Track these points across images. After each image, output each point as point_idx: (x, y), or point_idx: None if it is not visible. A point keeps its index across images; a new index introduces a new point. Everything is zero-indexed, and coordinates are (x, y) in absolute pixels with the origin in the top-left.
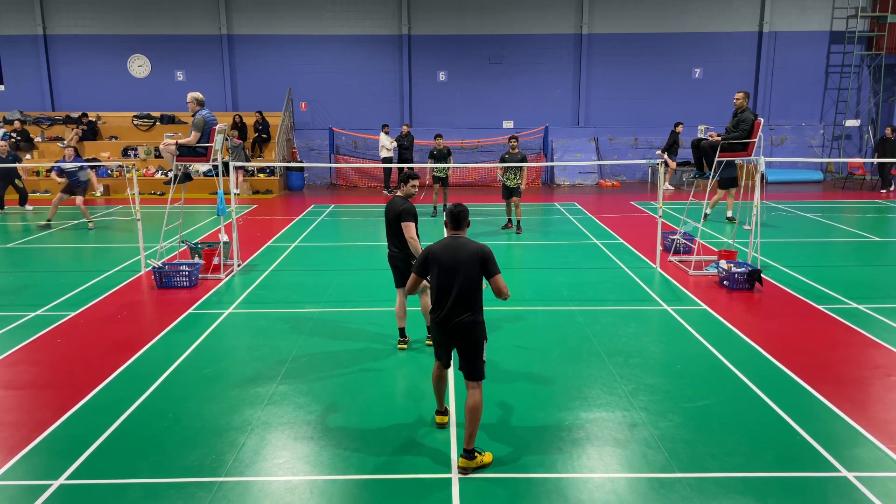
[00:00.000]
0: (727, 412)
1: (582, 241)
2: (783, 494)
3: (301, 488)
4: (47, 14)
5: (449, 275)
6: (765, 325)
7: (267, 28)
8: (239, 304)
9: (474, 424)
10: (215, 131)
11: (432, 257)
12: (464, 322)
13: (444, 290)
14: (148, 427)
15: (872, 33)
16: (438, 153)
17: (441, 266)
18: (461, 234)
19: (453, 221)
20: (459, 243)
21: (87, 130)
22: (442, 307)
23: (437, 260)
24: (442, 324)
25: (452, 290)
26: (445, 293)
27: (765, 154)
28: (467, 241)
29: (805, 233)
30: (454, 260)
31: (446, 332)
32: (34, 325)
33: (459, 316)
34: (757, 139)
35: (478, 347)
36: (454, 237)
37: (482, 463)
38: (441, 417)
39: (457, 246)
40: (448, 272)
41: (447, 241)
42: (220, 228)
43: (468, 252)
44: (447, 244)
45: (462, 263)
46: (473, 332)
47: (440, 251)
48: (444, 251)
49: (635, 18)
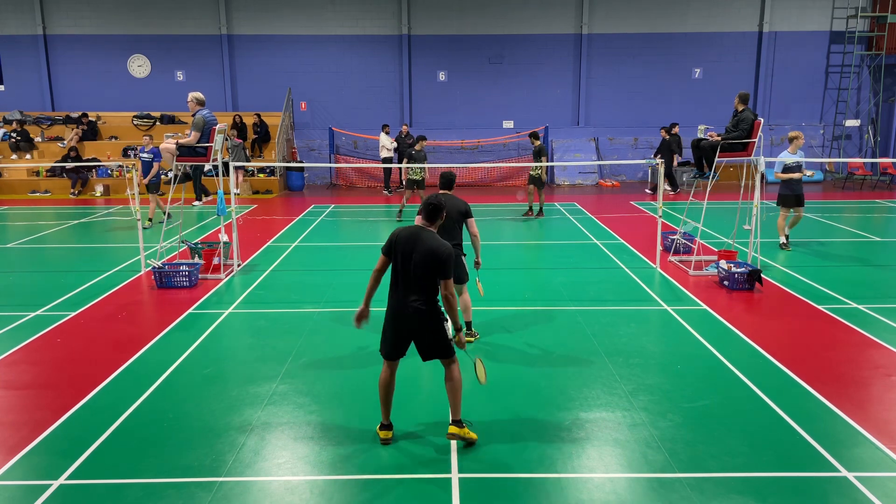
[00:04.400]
0: (727, 412)
1: (582, 241)
2: (783, 494)
3: (301, 488)
4: (47, 14)
5: (405, 263)
6: (765, 325)
7: (267, 28)
8: (239, 304)
9: (457, 397)
10: (215, 131)
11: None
12: (420, 309)
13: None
14: (148, 427)
15: (872, 33)
16: (417, 154)
17: (402, 253)
18: (432, 229)
19: (428, 214)
20: (425, 235)
21: (87, 130)
22: (399, 294)
23: (399, 246)
24: (398, 312)
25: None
26: (402, 281)
27: (765, 154)
28: (432, 236)
29: (805, 233)
30: (413, 251)
31: (402, 319)
32: (34, 325)
33: (414, 303)
34: (757, 139)
35: (439, 328)
36: (423, 228)
37: (469, 435)
38: (385, 432)
39: (422, 238)
40: (405, 261)
41: (414, 229)
42: (220, 228)
43: (428, 247)
44: (413, 233)
45: (421, 256)
46: (432, 317)
47: (405, 238)
48: (407, 240)
49: (635, 18)
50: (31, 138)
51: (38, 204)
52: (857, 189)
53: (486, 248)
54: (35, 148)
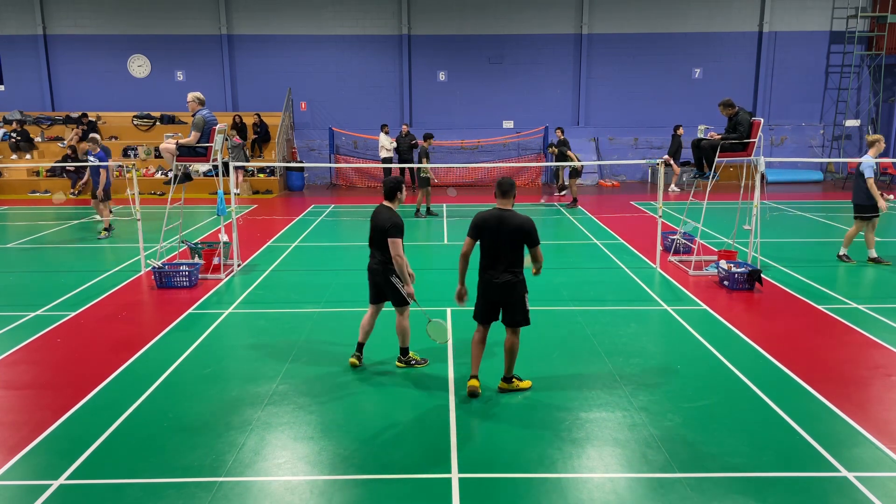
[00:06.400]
0: (727, 412)
1: (582, 241)
2: (783, 494)
3: (301, 488)
4: (47, 14)
5: (496, 241)
6: (765, 325)
7: (267, 28)
8: (239, 304)
9: (512, 358)
10: (215, 131)
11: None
12: (509, 280)
13: (491, 254)
14: (148, 427)
15: (872, 33)
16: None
17: (489, 233)
18: (509, 206)
19: (503, 192)
20: (507, 215)
21: (87, 130)
22: (491, 269)
23: (485, 226)
24: (489, 283)
25: (500, 255)
26: (493, 258)
27: (765, 154)
28: (513, 213)
29: (805, 233)
30: (500, 229)
31: (495, 290)
32: (34, 325)
33: (505, 275)
34: (757, 139)
35: (522, 299)
36: (502, 209)
37: (519, 387)
38: (473, 382)
39: (505, 217)
40: (495, 239)
41: (495, 212)
42: (220, 228)
43: (514, 224)
44: (495, 215)
45: (508, 232)
46: (518, 287)
47: (490, 220)
48: (492, 221)
49: (635, 18)
50: (31, 138)
51: (38, 204)
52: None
53: None
54: (35, 148)
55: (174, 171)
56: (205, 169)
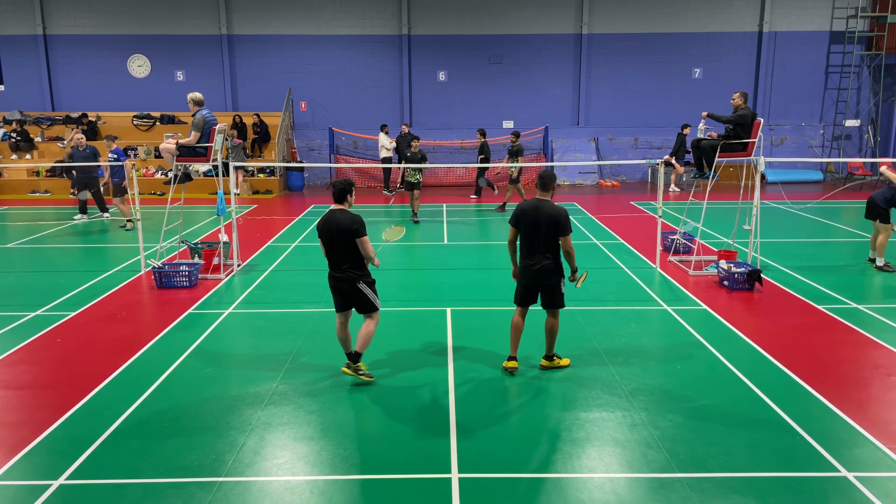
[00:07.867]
0: (727, 412)
1: (582, 241)
2: (783, 494)
3: (301, 488)
4: (47, 14)
5: (533, 229)
6: (765, 325)
7: (267, 28)
8: (239, 304)
9: (552, 338)
10: (215, 131)
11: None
12: (546, 266)
13: (529, 242)
14: (148, 427)
15: (872, 33)
16: (412, 156)
17: (527, 222)
18: (548, 197)
19: (543, 184)
20: (544, 205)
21: (87, 130)
22: (529, 256)
23: (524, 216)
24: (528, 268)
25: (537, 242)
26: (531, 245)
27: (765, 154)
28: (550, 204)
29: (805, 233)
30: (538, 218)
31: (532, 275)
32: (34, 325)
33: (543, 261)
34: (757, 139)
35: (559, 284)
36: (541, 200)
37: (559, 364)
38: (511, 363)
39: (542, 207)
40: (532, 227)
41: (534, 202)
42: (220, 228)
43: (549, 213)
44: (533, 205)
45: (545, 221)
46: (556, 272)
47: (529, 210)
48: (532, 211)
49: (635, 18)
50: (31, 138)
51: (38, 204)
52: (858, 189)
53: (485, 247)
54: (35, 148)
55: (174, 171)
56: (205, 169)
